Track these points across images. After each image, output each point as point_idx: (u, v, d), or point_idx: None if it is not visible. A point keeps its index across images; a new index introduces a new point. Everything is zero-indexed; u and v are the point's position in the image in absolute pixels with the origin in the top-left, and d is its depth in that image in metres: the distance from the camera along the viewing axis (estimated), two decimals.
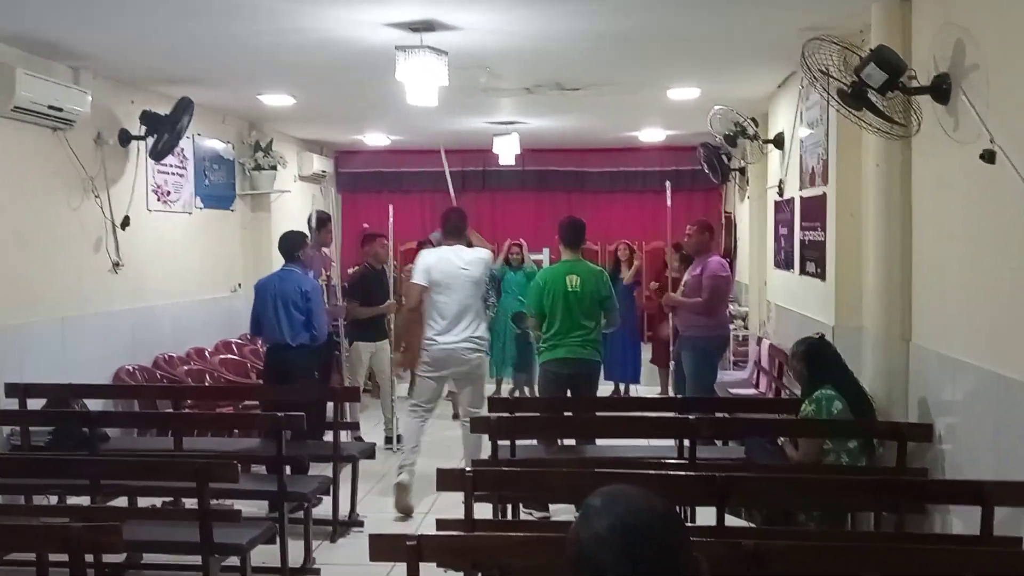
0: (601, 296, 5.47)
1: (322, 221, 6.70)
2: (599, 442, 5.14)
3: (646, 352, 8.87)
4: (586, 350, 5.42)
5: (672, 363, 6.73)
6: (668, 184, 6.69)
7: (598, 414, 4.89)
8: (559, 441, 5.27)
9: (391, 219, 7.14)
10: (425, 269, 5.54)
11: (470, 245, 5.66)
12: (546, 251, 8.91)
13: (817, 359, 4.16)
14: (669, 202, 6.64)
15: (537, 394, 5.99)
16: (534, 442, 5.20)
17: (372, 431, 7.34)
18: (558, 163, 11.84)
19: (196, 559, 3.63)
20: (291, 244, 5.86)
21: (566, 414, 5.02)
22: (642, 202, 11.63)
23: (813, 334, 4.47)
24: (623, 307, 6.31)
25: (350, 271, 7.46)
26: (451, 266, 5.48)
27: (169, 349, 7.04)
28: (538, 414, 4.92)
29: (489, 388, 8.23)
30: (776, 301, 7.22)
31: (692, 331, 6.23)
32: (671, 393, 7.06)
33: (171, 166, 7.39)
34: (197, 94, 6.80)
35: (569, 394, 5.45)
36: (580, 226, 5.68)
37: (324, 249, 7.03)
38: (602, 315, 5.50)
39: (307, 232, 6.36)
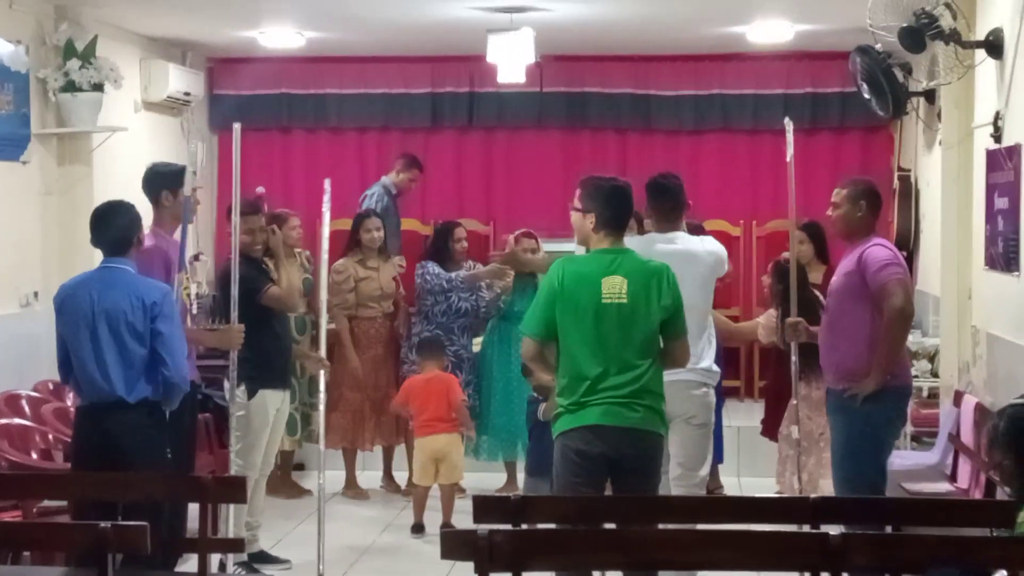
0: (665, 312, 5.50)
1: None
2: None
3: (739, 414, 8.82)
4: (637, 412, 5.43)
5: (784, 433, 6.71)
6: (788, 122, 6.70)
7: (663, 526, 4.88)
8: (596, 575, 5.27)
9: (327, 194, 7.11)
10: None
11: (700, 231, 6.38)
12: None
13: None
14: (791, 150, 6.63)
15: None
16: None
17: (289, 543, 7.52)
18: (603, 82, 11.79)
19: None
20: (120, 225, 5.85)
21: (606, 525, 5.00)
22: (754, 149, 11.65)
23: (1016, 398, 4.50)
24: None
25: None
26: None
27: None
28: (556, 526, 4.91)
29: (483, 479, 8.30)
30: (989, 328, 7.23)
31: (845, 381, 6.25)
32: (798, 489, 7.07)
33: None
34: None
35: (611, 489, 5.46)
36: (626, 193, 5.72)
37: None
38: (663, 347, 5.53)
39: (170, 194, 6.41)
